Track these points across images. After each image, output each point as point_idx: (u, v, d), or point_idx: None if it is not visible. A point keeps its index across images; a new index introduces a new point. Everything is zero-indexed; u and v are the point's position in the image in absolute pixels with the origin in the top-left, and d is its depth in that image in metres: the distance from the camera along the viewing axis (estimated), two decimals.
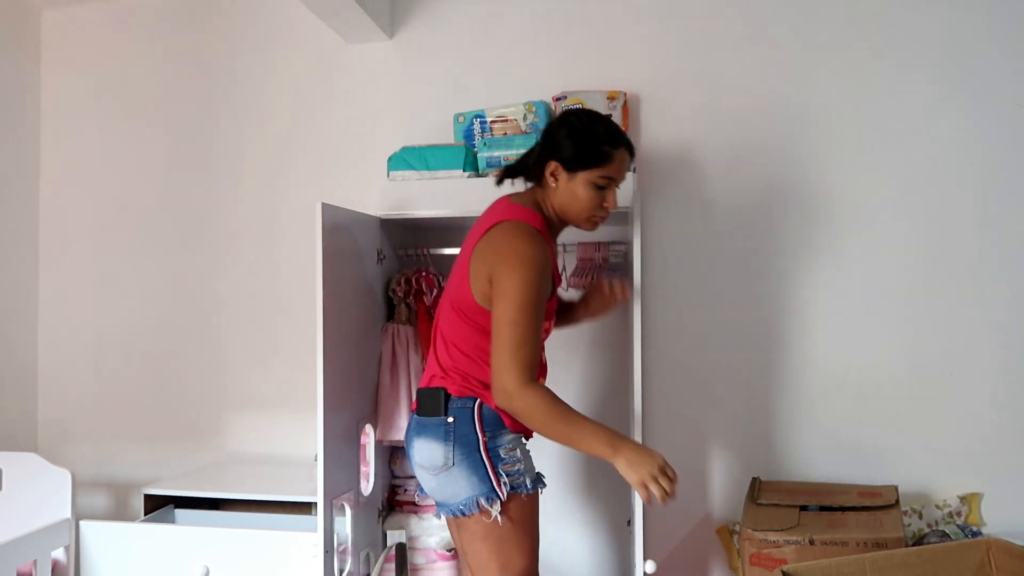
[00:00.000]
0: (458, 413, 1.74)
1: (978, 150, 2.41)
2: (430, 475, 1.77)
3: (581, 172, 1.75)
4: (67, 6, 3.10)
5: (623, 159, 1.78)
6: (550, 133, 1.81)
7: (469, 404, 1.74)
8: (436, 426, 1.75)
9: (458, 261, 1.85)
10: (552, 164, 1.77)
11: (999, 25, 2.40)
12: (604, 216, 1.83)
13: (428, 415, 1.77)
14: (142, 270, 3.03)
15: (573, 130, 1.76)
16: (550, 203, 1.81)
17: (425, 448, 1.76)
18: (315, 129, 2.88)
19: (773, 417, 2.53)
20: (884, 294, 2.46)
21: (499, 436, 1.76)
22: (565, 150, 1.75)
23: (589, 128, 1.76)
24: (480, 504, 1.71)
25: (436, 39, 2.78)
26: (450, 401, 1.75)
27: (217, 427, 2.95)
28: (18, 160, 3.06)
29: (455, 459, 1.72)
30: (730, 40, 2.56)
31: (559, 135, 1.77)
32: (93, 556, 2.31)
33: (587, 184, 1.76)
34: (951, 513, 2.37)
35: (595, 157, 1.74)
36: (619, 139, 1.77)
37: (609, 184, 1.78)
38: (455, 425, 1.73)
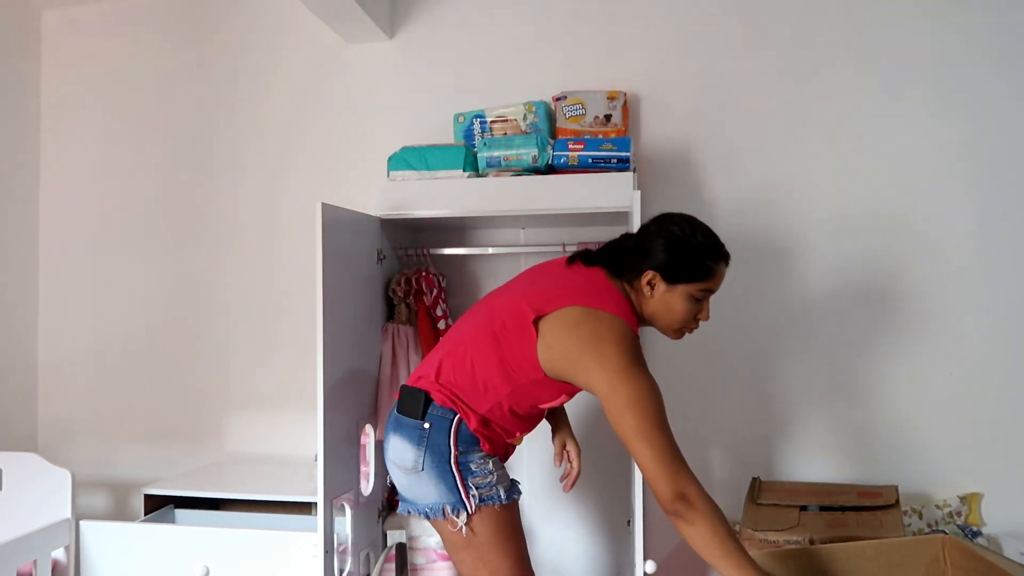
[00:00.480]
0: (435, 420, 1.71)
1: (978, 150, 2.41)
2: (402, 473, 1.75)
3: (681, 285, 1.70)
4: (67, 6, 3.11)
5: (722, 272, 1.74)
6: (647, 241, 1.73)
7: (448, 416, 1.70)
8: (411, 428, 1.72)
9: (522, 289, 1.77)
10: (650, 274, 1.70)
11: (999, 27, 2.40)
12: (695, 327, 1.78)
13: (406, 415, 1.74)
14: (142, 270, 3.03)
15: (676, 242, 1.70)
16: (641, 306, 1.74)
17: (399, 446, 1.74)
18: (315, 129, 2.88)
19: (773, 417, 2.53)
20: (884, 293, 2.46)
21: (472, 452, 1.73)
22: (664, 262, 1.69)
23: (692, 240, 1.71)
24: (446, 512, 1.69)
25: (436, 39, 2.78)
26: (430, 406, 1.71)
27: (217, 427, 2.95)
28: (18, 160, 3.06)
29: (425, 464, 1.69)
30: (730, 41, 2.56)
31: (657, 245, 1.71)
32: (93, 556, 2.31)
33: (686, 297, 1.71)
34: (951, 513, 2.37)
35: (698, 272, 1.69)
36: (720, 252, 1.73)
37: (705, 296, 1.73)
38: (429, 432, 1.70)
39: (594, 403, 2.59)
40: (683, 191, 2.58)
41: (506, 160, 2.29)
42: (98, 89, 3.09)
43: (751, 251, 2.54)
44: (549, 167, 2.30)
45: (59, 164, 3.13)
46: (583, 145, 2.26)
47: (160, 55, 3.04)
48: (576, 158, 2.26)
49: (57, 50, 3.14)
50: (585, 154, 2.25)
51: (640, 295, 1.74)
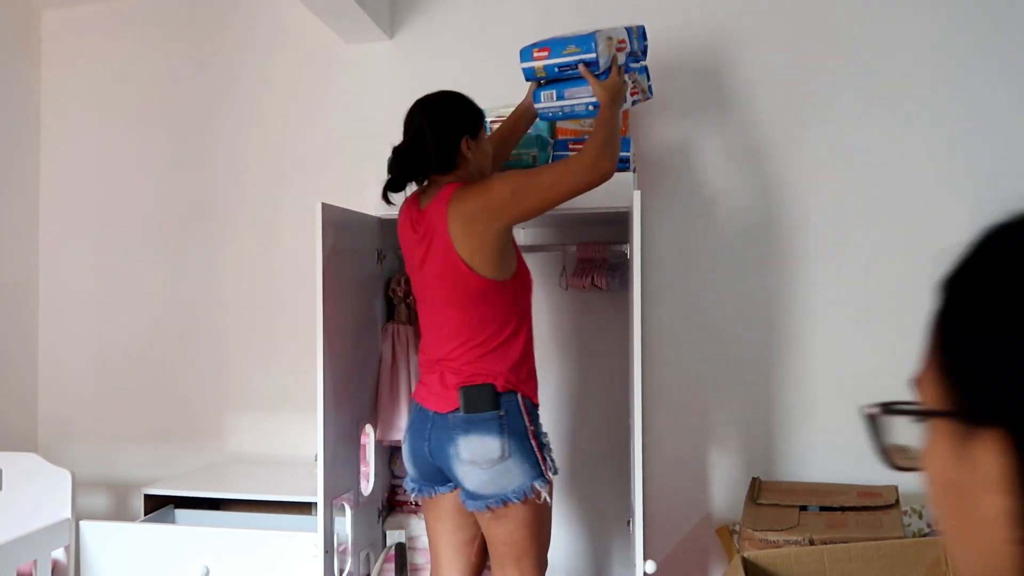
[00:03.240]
0: (508, 406, 1.82)
1: (978, 150, 2.41)
2: (482, 470, 1.79)
3: (480, 131, 1.93)
4: (67, 6, 3.10)
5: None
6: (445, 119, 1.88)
7: (514, 397, 1.83)
8: (489, 420, 1.80)
9: (430, 260, 1.87)
10: (464, 141, 1.88)
11: (999, 27, 2.40)
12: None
13: (479, 411, 1.80)
14: (142, 270, 3.03)
15: (459, 104, 1.91)
16: (468, 174, 1.91)
17: (478, 444, 1.79)
18: (315, 129, 2.88)
19: (773, 417, 2.53)
20: (884, 293, 2.46)
21: (536, 421, 1.87)
22: (467, 123, 1.90)
23: (460, 97, 1.92)
24: (535, 488, 1.80)
25: (436, 39, 2.78)
26: (500, 395, 1.82)
27: (217, 427, 2.95)
28: (18, 160, 3.06)
29: (510, 450, 1.79)
30: (729, 40, 2.56)
31: (457, 115, 1.89)
32: (93, 556, 2.31)
33: (486, 139, 1.96)
34: None
35: (480, 115, 1.94)
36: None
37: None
38: (507, 417, 1.81)
39: (593, 404, 2.59)
40: (683, 191, 2.58)
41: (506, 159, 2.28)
42: (98, 89, 3.09)
43: (751, 251, 2.54)
44: None
45: (59, 164, 3.13)
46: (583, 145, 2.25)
47: (160, 55, 3.03)
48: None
49: (57, 50, 3.14)
50: None
51: (466, 163, 1.90)
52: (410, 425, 1.94)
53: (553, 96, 2.08)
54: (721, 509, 2.55)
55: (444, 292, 1.86)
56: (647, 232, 2.55)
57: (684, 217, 2.58)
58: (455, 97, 1.92)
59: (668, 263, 2.58)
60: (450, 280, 1.84)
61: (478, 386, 1.81)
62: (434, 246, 1.85)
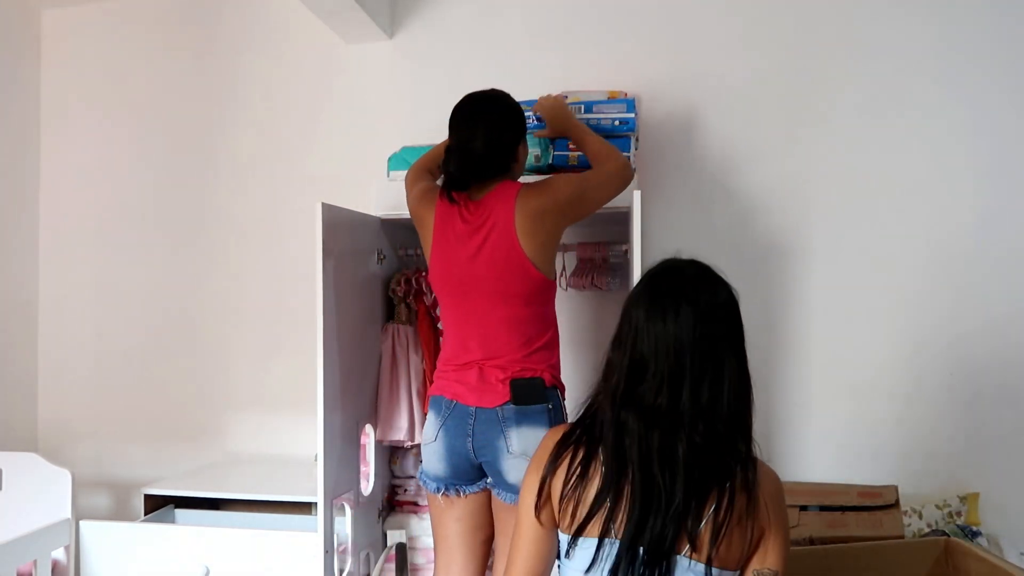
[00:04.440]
0: (553, 398, 1.86)
1: (977, 150, 2.41)
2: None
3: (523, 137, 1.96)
4: (67, 6, 3.11)
5: None
6: (511, 123, 1.92)
7: (556, 393, 1.88)
8: (539, 413, 1.82)
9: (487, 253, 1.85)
10: (521, 144, 1.95)
11: (997, 28, 2.40)
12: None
13: (528, 403, 1.82)
14: (142, 270, 3.03)
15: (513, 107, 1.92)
16: (514, 176, 1.97)
17: (529, 435, 1.80)
18: (315, 129, 2.88)
19: (773, 417, 2.53)
20: (884, 294, 2.46)
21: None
22: (518, 129, 1.92)
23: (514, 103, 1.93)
24: None
25: (436, 39, 2.78)
26: (547, 389, 1.85)
27: (217, 427, 2.95)
28: (18, 160, 3.06)
29: None
30: (730, 40, 2.56)
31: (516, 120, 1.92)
32: (93, 556, 2.31)
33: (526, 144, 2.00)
34: (951, 513, 2.37)
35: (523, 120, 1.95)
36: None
37: None
38: (554, 411, 1.85)
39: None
40: (683, 191, 2.58)
41: None
42: (98, 89, 3.09)
43: (751, 251, 2.54)
44: (550, 167, 2.30)
45: (59, 164, 3.13)
46: None
47: (160, 55, 3.04)
48: (577, 158, 2.25)
49: (57, 50, 3.14)
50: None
51: (516, 165, 1.96)
52: (442, 423, 1.88)
53: (581, 110, 2.27)
54: None
55: (501, 287, 1.84)
56: (647, 232, 2.55)
57: (684, 217, 2.58)
58: (511, 101, 1.94)
59: None
60: (510, 275, 1.83)
61: (529, 379, 1.84)
62: (494, 240, 1.83)
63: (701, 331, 1.22)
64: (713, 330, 1.24)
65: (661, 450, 1.18)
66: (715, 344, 1.24)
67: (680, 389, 1.20)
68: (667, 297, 1.24)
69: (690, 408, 1.20)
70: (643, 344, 1.22)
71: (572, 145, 2.26)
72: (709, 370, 1.22)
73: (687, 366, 1.21)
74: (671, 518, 1.15)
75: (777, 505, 1.22)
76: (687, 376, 1.20)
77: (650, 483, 1.17)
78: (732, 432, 1.24)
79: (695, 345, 1.21)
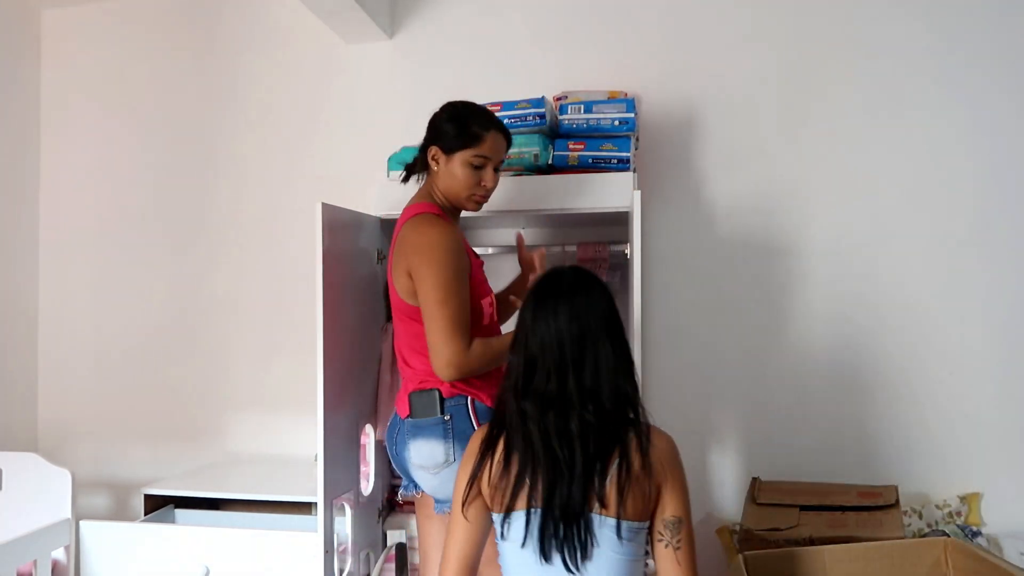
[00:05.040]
0: (453, 411, 1.79)
1: (977, 151, 2.41)
2: (431, 474, 1.80)
3: (458, 153, 1.85)
4: (67, 6, 3.11)
5: (496, 140, 1.87)
6: (432, 122, 1.91)
7: (462, 402, 1.80)
8: (433, 426, 1.78)
9: (387, 275, 1.90)
10: (433, 149, 1.88)
11: (997, 28, 2.40)
12: (483, 195, 1.91)
13: (423, 416, 1.80)
14: (142, 270, 3.03)
15: (448, 115, 1.87)
16: (437, 189, 1.89)
17: (424, 448, 1.79)
18: (315, 129, 2.88)
19: (773, 417, 2.53)
20: (884, 294, 2.46)
21: None
22: (442, 134, 1.86)
23: (463, 112, 1.87)
24: None
25: (436, 39, 2.78)
26: (444, 401, 1.80)
27: (217, 427, 2.95)
28: (18, 160, 3.06)
29: (455, 455, 1.76)
30: (730, 40, 2.56)
31: (438, 121, 1.89)
32: (93, 556, 2.31)
33: (464, 164, 1.85)
34: (951, 513, 2.37)
35: (468, 137, 1.83)
36: (491, 121, 1.87)
37: (485, 164, 1.86)
38: (452, 422, 1.78)
39: None
40: (683, 191, 2.58)
41: (508, 158, 2.28)
42: (98, 89, 3.09)
43: (751, 251, 2.54)
44: (550, 167, 2.30)
45: (59, 164, 3.13)
46: (583, 145, 2.26)
47: (160, 55, 3.04)
48: (576, 158, 2.26)
49: (57, 50, 3.14)
50: (585, 154, 2.25)
51: (433, 177, 1.90)
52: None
53: (580, 110, 2.27)
54: (721, 509, 2.55)
55: (394, 308, 1.91)
56: (647, 232, 2.56)
57: (684, 217, 2.58)
58: (448, 105, 1.92)
59: (668, 263, 2.58)
60: (393, 296, 1.88)
61: (425, 391, 1.82)
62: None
63: (578, 325, 1.41)
64: (588, 323, 1.42)
65: (557, 428, 1.39)
66: (590, 335, 1.42)
67: (566, 376, 1.40)
68: (548, 300, 1.45)
69: (576, 390, 1.39)
70: (532, 342, 1.43)
71: (572, 144, 2.26)
72: (588, 357, 1.41)
73: (568, 356, 1.40)
74: (576, 483, 1.36)
75: (671, 462, 1.42)
76: (569, 365, 1.40)
77: (553, 456, 1.38)
78: (619, 406, 1.42)
79: (573, 338, 1.41)
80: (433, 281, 1.71)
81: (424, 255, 1.74)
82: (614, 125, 2.24)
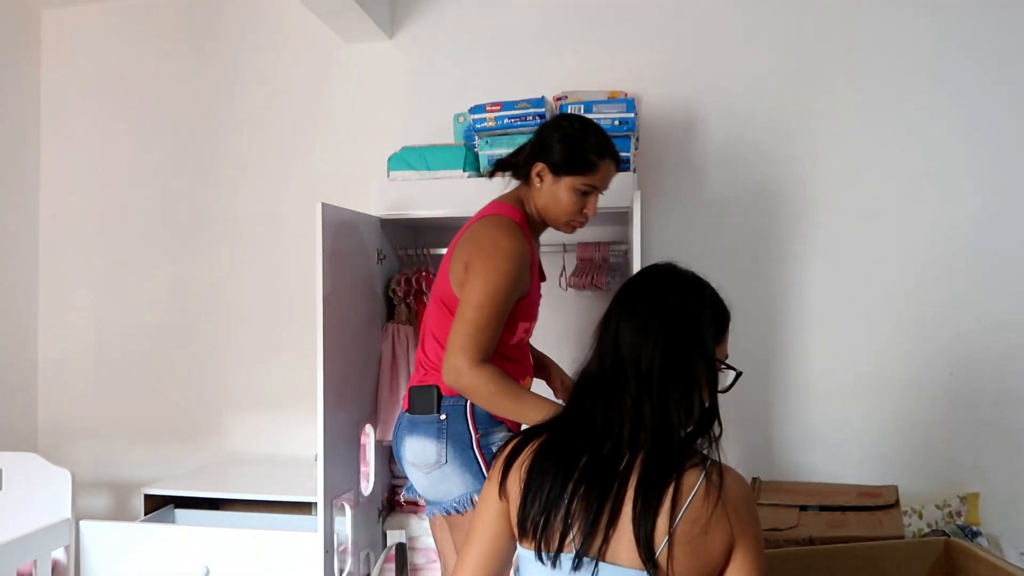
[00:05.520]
0: (450, 411, 1.73)
1: (976, 151, 2.41)
2: (422, 473, 1.76)
3: (566, 177, 1.77)
4: (67, 6, 3.10)
5: (608, 170, 1.80)
6: (542, 135, 1.82)
7: (461, 402, 1.73)
8: (428, 424, 1.74)
9: (444, 258, 1.85)
10: (539, 165, 1.78)
11: (997, 28, 2.40)
12: (582, 222, 1.85)
13: (420, 413, 1.76)
14: (142, 270, 3.03)
15: (564, 135, 1.77)
16: (533, 202, 1.82)
17: (417, 445, 1.75)
18: (315, 129, 2.88)
19: (773, 417, 2.53)
20: (884, 294, 2.46)
21: (492, 433, 1.75)
22: (554, 154, 1.77)
23: (580, 135, 1.77)
24: (474, 501, 1.70)
25: (436, 39, 2.78)
26: (443, 399, 1.75)
27: (217, 427, 2.95)
28: (18, 160, 3.06)
29: (448, 456, 1.72)
30: (730, 40, 2.56)
31: (550, 138, 1.79)
32: (93, 556, 2.31)
33: (570, 189, 1.77)
34: (951, 513, 2.37)
35: (582, 164, 1.76)
36: (607, 150, 1.79)
37: (591, 192, 1.80)
38: (447, 422, 1.73)
39: None
40: (683, 191, 2.58)
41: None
42: (98, 89, 3.09)
43: (750, 251, 2.54)
44: None
45: (59, 164, 3.13)
46: None
47: (160, 55, 3.03)
48: None
49: (57, 50, 3.14)
50: None
51: (531, 190, 1.81)
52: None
53: (580, 110, 2.26)
54: None
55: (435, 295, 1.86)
56: (647, 232, 2.55)
57: (684, 217, 2.58)
58: (563, 122, 1.82)
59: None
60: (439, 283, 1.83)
61: (424, 387, 1.77)
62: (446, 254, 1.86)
63: (666, 338, 1.18)
64: (681, 334, 1.19)
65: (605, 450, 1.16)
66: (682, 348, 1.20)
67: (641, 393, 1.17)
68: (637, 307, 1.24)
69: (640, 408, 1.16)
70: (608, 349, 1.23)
71: None
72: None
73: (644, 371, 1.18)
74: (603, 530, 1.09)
75: (747, 511, 1.12)
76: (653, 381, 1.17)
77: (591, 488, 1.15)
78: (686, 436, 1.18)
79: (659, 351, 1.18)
80: (482, 284, 1.64)
81: (487, 256, 1.66)
82: (614, 125, 2.23)
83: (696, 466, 1.11)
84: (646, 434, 1.12)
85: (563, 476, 1.12)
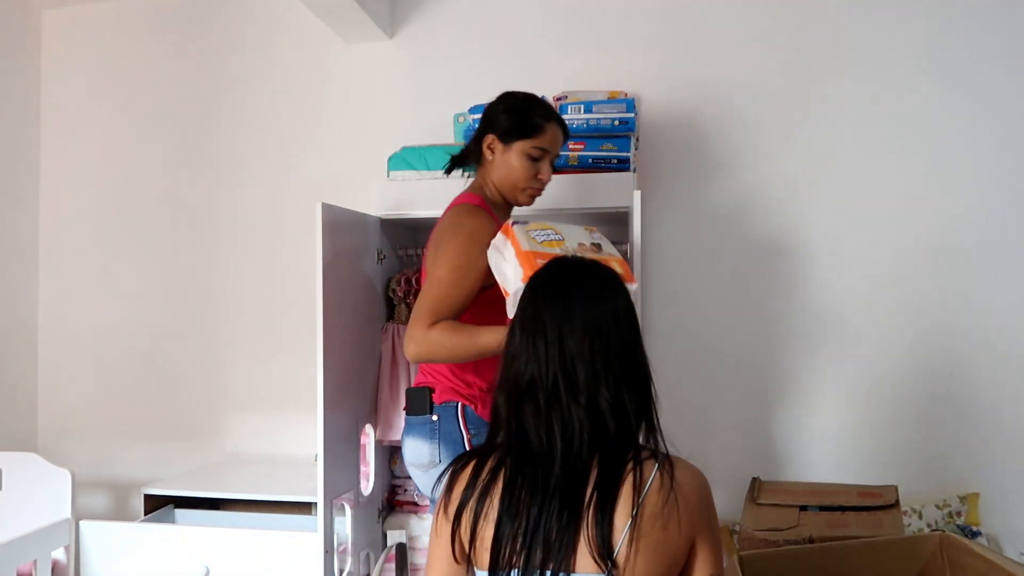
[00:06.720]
0: (442, 412, 1.78)
1: (979, 151, 2.41)
2: (420, 472, 1.81)
3: (516, 142, 1.80)
4: (67, 6, 3.10)
5: (556, 133, 1.83)
6: (487, 112, 1.86)
7: (452, 406, 1.78)
8: (422, 424, 1.79)
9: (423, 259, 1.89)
10: (489, 138, 1.82)
11: (998, 29, 2.40)
12: (539, 188, 1.86)
13: (414, 413, 1.81)
14: (142, 270, 3.03)
15: (508, 105, 1.82)
16: (490, 180, 1.84)
17: (413, 446, 1.80)
18: (315, 129, 2.88)
19: (773, 417, 2.53)
20: (884, 294, 2.46)
21: (484, 433, 1.74)
22: (501, 123, 1.81)
23: (523, 103, 1.82)
24: None
25: (436, 39, 2.78)
26: (435, 401, 1.80)
27: (217, 427, 2.95)
28: (18, 160, 3.06)
29: (442, 456, 1.75)
30: (731, 40, 2.56)
31: (495, 111, 1.83)
32: (93, 556, 2.31)
33: (521, 154, 1.80)
34: (951, 513, 2.37)
35: (528, 127, 1.79)
36: (551, 114, 1.83)
37: (543, 156, 1.81)
38: (440, 423, 1.77)
39: None
40: (683, 191, 2.58)
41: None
42: (98, 89, 3.09)
43: (751, 251, 2.54)
44: None
45: (59, 164, 3.13)
46: (583, 145, 2.26)
47: (160, 55, 3.03)
48: (576, 158, 2.26)
49: (57, 50, 3.14)
50: (585, 154, 2.25)
51: (486, 168, 1.84)
52: None
53: (580, 110, 2.27)
54: (721, 509, 2.51)
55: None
56: (647, 232, 2.56)
57: (684, 217, 2.58)
58: (507, 95, 1.86)
59: (668, 263, 2.58)
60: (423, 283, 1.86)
61: (417, 388, 1.82)
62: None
63: (589, 334, 1.22)
64: (601, 330, 1.25)
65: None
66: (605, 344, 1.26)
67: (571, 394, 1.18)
68: (552, 300, 1.23)
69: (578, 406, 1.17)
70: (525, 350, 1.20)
71: (572, 144, 2.26)
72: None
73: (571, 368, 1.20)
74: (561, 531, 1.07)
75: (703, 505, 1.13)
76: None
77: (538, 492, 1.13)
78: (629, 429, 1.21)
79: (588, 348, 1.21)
80: (443, 260, 1.67)
81: (448, 237, 1.71)
82: (614, 125, 2.24)
83: (649, 459, 1.11)
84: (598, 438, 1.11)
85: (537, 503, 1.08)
